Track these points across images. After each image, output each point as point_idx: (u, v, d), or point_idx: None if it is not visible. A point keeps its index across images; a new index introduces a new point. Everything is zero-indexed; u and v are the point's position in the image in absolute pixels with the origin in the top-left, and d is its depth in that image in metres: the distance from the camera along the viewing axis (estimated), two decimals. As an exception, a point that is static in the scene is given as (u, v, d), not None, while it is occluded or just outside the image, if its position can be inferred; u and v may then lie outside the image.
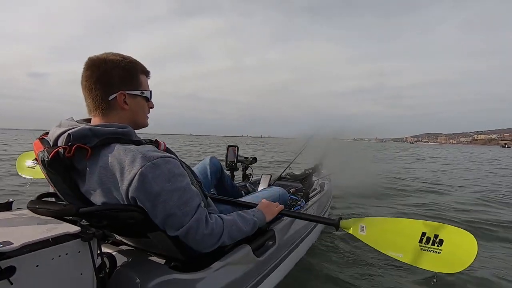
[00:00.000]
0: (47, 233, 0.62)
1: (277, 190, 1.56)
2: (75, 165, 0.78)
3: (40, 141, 0.82)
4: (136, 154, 0.76)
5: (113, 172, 0.75)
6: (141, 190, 0.74)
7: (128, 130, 0.84)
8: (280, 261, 1.36)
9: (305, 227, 1.74)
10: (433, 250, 0.98)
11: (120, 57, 0.86)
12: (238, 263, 1.06)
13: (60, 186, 0.81)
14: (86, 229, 0.68)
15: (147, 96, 0.92)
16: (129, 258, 0.92)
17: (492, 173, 9.12)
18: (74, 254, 0.65)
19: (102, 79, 0.82)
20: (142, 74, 0.91)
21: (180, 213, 0.79)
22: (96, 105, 0.84)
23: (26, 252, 0.57)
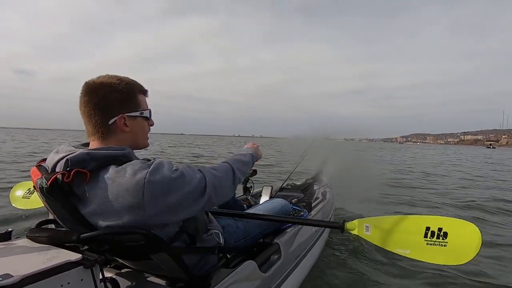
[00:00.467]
0: (48, 263, 0.61)
1: (280, 202, 1.55)
2: (74, 190, 0.77)
3: (38, 168, 0.81)
4: (134, 166, 0.76)
5: (117, 192, 0.74)
6: (158, 193, 0.74)
7: (128, 152, 0.83)
8: (287, 275, 1.33)
9: (309, 238, 1.71)
10: (438, 243, 0.99)
11: (117, 79, 0.86)
12: (244, 280, 1.04)
13: (60, 212, 0.80)
14: (88, 256, 0.67)
15: (147, 116, 0.92)
16: (133, 282, 0.90)
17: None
18: (77, 282, 0.63)
19: (101, 104, 0.82)
20: (140, 94, 0.91)
21: (197, 182, 0.83)
22: (96, 130, 0.84)
23: (27, 284, 0.56)
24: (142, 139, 0.93)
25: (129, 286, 0.87)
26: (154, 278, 1.01)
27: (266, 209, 1.44)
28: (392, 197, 4.64)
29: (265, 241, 1.35)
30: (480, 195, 5.30)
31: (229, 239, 1.16)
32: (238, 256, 1.18)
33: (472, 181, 7.51)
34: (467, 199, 4.74)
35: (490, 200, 4.77)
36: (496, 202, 4.58)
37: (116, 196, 0.74)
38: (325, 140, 3.78)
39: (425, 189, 5.76)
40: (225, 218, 1.27)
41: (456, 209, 4.11)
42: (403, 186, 6.03)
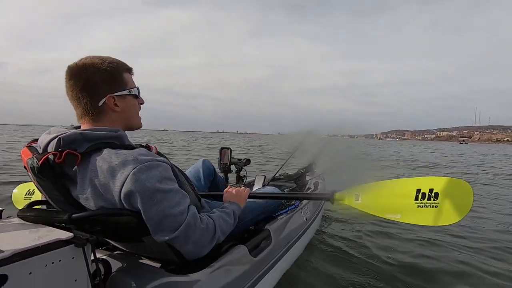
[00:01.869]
0: (39, 240, 0.61)
1: (271, 190, 1.57)
2: (65, 171, 0.77)
3: (29, 148, 0.81)
4: (127, 157, 0.75)
5: (105, 176, 0.74)
6: (134, 191, 0.73)
7: (120, 134, 0.83)
8: (277, 261, 1.37)
9: (300, 226, 1.75)
10: (430, 205, 0.98)
11: (100, 59, 0.84)
12: (235, 263, 1.06)
13: (51, 192, 0.80)
14: (80, 235, 0.67)
15: (136, 94, 0.91)
16: (124, 263, 0.91)
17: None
18: (68, 260, 0.64)
19: (87, 87, 0.81)
20: (126, 72, 0.89)
21: (176, 212, 0.79)
22: (87, 112, 0.83)
23: (17, 260, 0.56)
24: (135, 119, 0.92)
25: (120, 268, 0.88)
26: (146, 260, 1.03)
27: None
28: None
29: (256, 228, 1.38)
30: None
31: None
32: (229, 241, 1.20)
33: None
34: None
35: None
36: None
37: (103, 180, 0.75)
38: (310, 137, 3.79)
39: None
40: (217, 204, 1.28)
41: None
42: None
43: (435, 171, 8.76)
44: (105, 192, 0.76)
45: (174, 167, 0.93)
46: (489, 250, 2.24)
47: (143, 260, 1.02)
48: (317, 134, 3.90)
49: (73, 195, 0.79)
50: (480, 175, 7.65)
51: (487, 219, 3.15)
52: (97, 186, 0.75)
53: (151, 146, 0.99)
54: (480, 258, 2.08)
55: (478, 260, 2.05)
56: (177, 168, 0.98)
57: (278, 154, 8.25)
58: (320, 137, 4.04)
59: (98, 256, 0.83)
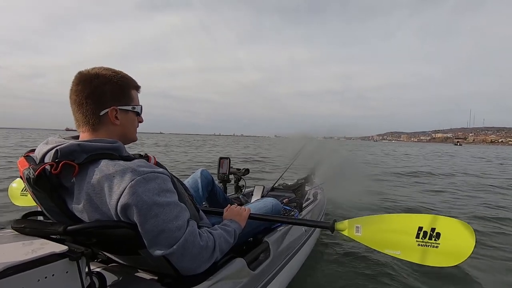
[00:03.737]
0: (33, 254, 0.60)
1: (270, 201, 1.55)
2: (62, 182, 0.76)
3: (25, 158, 0.80)
4: (125, 168, 0.74)
5: (102, 188, 0.73)
6: (131, 204, 0.72)
7: (118, 145, 0.82)
8: (275, 274, 1.34)
9: (299, 238, 1.72)
10: (430, 245, 0.96)
11: (113, 72, 0.86)
12: (233, 277, 1.04)
13: (47, 204, 0.79)
14: (74, 248, 0.66)
15: (138, 111, 0.92)
16: (119, 277, 0.89)
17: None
18: (62, 274, 0.62)
19: (94, 94, 0.82)
20: (134, 89, 0.91)
21: (174, 227, 0.77)
22: (87, 120, 0.83)
23: (10, 274, 0.55)
24: (131, 134, 0.92)
25: (116, 281, 0.86)
26: (141, 273, 1.00)
27: (256, 208, 1.44)
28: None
29: (255, 240, 1.35)
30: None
31: None
32: (227, 254, 1.18)
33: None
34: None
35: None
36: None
37: (99, 193, 0.74)
38: (307, 140, 3.79)
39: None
40: (216, 216, 1.26)
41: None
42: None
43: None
44: (101, 204, 0.74)
45: (174, 177, 0.92)
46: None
47: (139, 273, 1.00)
48: (313, 136, 3.92)
49: (68, 206, 0.78)
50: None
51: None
52: (93, 198, 0.74)
53: (150, 156, 0.98)
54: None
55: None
56: (176, 178, 0.97)
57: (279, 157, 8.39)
58: (316, 139, 4.05)
59: (93, 268, 0.81)
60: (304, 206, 2.15)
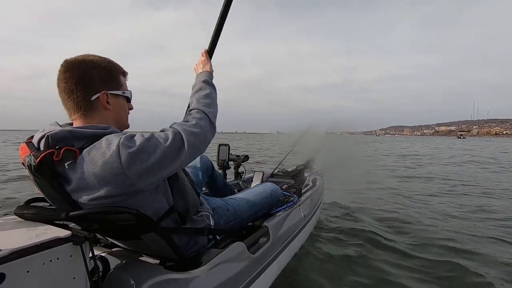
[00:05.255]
0: (37, 238, 0.61)
1: (270, 186, 1.57)
2: (61, 168, 0.75)
3: (27, 144, 0.79)
4: (108, 137, 0.76)
5: (95, 162, 0.73)
6: (133, 153, 0.73)
7: (111, 130, 0.81)
8: (275, 257, 1.37)
9: (298, 223, 1.75)
10: None
11: (99, 57, 0.86)
12: (233, 260, 1.06)
13: (48, 190, 0.79)
14: (77, 233, 0.67)
15: (128, 96, 0.93)
16: (122, 260, 0.91)
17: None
18: (66, 258, 0.64)
19: (83, 80, 0.81)
20: (121, 75, 0.92)
21: (172, 136, 0.81)
22: (78, 106, 0.82)
23: (15, 258, 0.56)
24: (124, 119, 0.93)
25: (119, 265, 0.88)
26: (144, 257, 1.03)
27: (256, 193, 1.46)
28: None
29: (255, 224, 1.38)
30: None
31: (219, 221, 1.18)
32: (227, 238, 1.21)
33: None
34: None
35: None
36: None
37: (94, 167, 0.73)
38: (309, 135, 3.81)
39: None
40: (216, 200, 1.28)
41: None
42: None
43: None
44: (103, 177, 0.73)
45: None
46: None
47: (141, 257, 1.02)
48: (315, 131, 3.93)
49: (67, 191, 0.78)
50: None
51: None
52: (87, 177, 0.73)
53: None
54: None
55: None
56: None
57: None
58: (318, 135, 4.07)
59: (96, 253, 0.82)
60: (303, 192, 2.17)
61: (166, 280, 0.83)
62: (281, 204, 1.68)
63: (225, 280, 0.99)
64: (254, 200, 1.41)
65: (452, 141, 51.71)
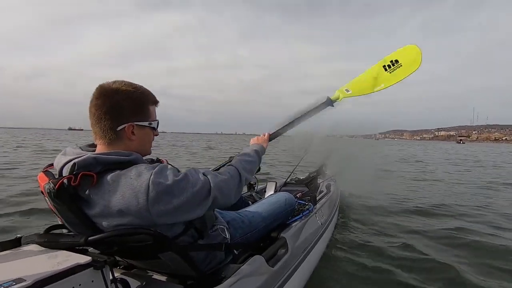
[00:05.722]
0: (58, 266, 0.62)
1: (283, 195, 1.56)
2: (79, 193, 0.77)
3: (45, 173, 0.82)
4: (138, 168, 0.79)
5: (123, 193, 0.75)
6: (161, 193, 0.76)
7: (133, 158, 0.84)
8: (295, 269, 1.34)
9: (315, 232, 1.72)
10: (397, 67, 1.57)
11: (133, 87, 0.88)
12: (253, 274, 1.04)
13: (67, 216, 0.81)
14: (97, 258, 0.67)
15: (155, 127, 0.95)
16: (143, 282, 0.91)
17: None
18: (88, 284, 0.64)
19: (113, 110, 0.84)
20: (152, 105, 0.94)
21: (201, 184, 0.85)
22: (104, 134, 0.85)
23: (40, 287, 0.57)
24: (146, 148, 0.95)
25: (139, 286, 0.88)
26: (163, 276, 1.02)
27: (270, 203, 1.45)
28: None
29: (271, 236, 1.36)
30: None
31: (235, 234, 1.17)
32: (245, 252, 1.19)
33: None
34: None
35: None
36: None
37: (121, 198, 0.75)
38: (312, 138, 3.78)
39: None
40: (229, 213, 1.27)
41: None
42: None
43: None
44: (127, 208, 0.76)
45: None
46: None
47: (161, 276, 1.02)
48: (317, 135, 3.91)
49: (90, 216, 0.80)
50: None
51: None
52: (117, 204, 0.76)
53: (162, 159, 1.02)
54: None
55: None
56: None
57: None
58: (320, 137, 4.05)
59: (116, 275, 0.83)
60: (318, 198, 2.14)
61: None
62: (297, 213, 1.65)
63: None
64: (268, 210, 1.39)
65: (453, 145, 50.38)
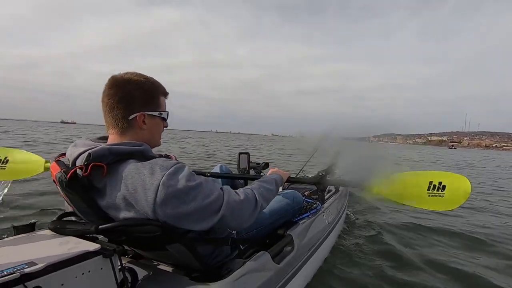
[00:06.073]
0: (69, 252, 0.64)
1: (291, 193, 1.55)
2: (93, 183, 0.79)
3: (57, 163, 0.85)
4: (153, 166, 0.78)
5: (135, 187, 0.76)
6: (170, 197, 0.76)
7: (144, 148, 0.86)
8: (300, 267, 1.34)
9: (322, 231, 1.71)
10: (438, 195, 1.23)
11: (144, 78, 0.90)
12: (258, 270, 1.05)
13: (79, 205, 0.83)
14: (106, 246, 0.69)
15: (165, 117, 0.96)
16: (150, 271, 0.93)
17: None
18: (97, 271, 0.66)
19: (125, 99, 0.86)
20: (162, 96, 0.96)
21: (214, 197, 0.83)
22: (116, 123, 0.87)
23: (50, 272, 0.58)
24: (156, 139, 0.96)
25: (146, 276, 0.90)
26: (170, 267, 1.04)
27: (277, 200, 1.44)
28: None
29: (278, 233, 1.36)
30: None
31: (241, 230, 1.17)
32: (251, 247, 1.20)
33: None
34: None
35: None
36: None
37: (133, 192, 0.76)
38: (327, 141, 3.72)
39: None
40: None
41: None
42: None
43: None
44: (136, 202, 0.77)
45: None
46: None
47: (167, 267, 1.04)
48: (334, 137, 3.86)
49: (101, 206, 0.82)
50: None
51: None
52: (127, 197, 0.77)
53: (171, 155, 1.02)
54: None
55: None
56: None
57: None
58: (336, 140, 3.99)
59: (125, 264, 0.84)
60: (326, 198, 2.12)
61: None
62: (304, 211, 1.64)
63: None
64: (275, 207, 1.39)
65: (445, 150, 49.30)
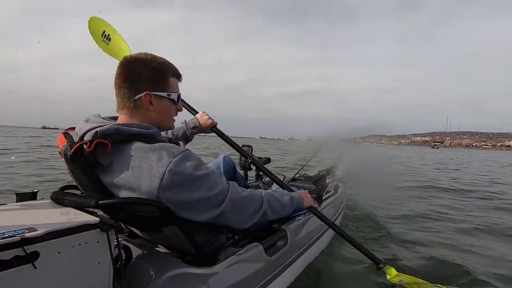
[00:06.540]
0: (69, 222, 0.65)
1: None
2: (98, 160, 0.80)
3: (64, 135, 0.86)
4: (161, 151, 0.78)
5: (141, 170, 0.77)
6: (175, 183, 0.77)
7: (153, 132, 0.86)
8: (292, 262, 1.36)
9: (317, 229, 1.72)
10: None
11: (152, 57, 0.89)
12: (250, 260, 1.06)
13: (81, 179, 0.85)
14: (105, 220, 0.70)
15: (174, 99, 0.94)
16: (144, 251, 0.95)
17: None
18: (93, 243, 0.67)
19: (130, 78, 0.86)
20: (173, 77, 0.94)
21: (218, 190, 0.83)
22: (124, 103, 0.87)
23: (49, 239, 0.60)
24: (166, 121, 0.95)
25: (140, 255, 0.92)
26: (164, 249, 1.06)
27: None
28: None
29: (273, 227, 1.37)
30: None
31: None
32: (245, 238, 1.21)
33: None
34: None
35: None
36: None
37: (139, 174, 0.77)
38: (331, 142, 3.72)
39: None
40: None
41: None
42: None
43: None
44: (140, 185, 0.78)
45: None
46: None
47: (161, 249, 1.06)
48: (337, 138, 3.86)
49: (103, 182, 0.83)
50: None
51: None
52: (131, 179, 0.78)
53: (179, 142, 1.03)
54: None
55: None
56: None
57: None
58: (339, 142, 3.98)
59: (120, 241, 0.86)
60: (324, 198, 2.13)
61: (184, 274, 0.85)
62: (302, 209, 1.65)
63: (241, 279, 0.99)
64: None
65: (429, 150, 48.97)
